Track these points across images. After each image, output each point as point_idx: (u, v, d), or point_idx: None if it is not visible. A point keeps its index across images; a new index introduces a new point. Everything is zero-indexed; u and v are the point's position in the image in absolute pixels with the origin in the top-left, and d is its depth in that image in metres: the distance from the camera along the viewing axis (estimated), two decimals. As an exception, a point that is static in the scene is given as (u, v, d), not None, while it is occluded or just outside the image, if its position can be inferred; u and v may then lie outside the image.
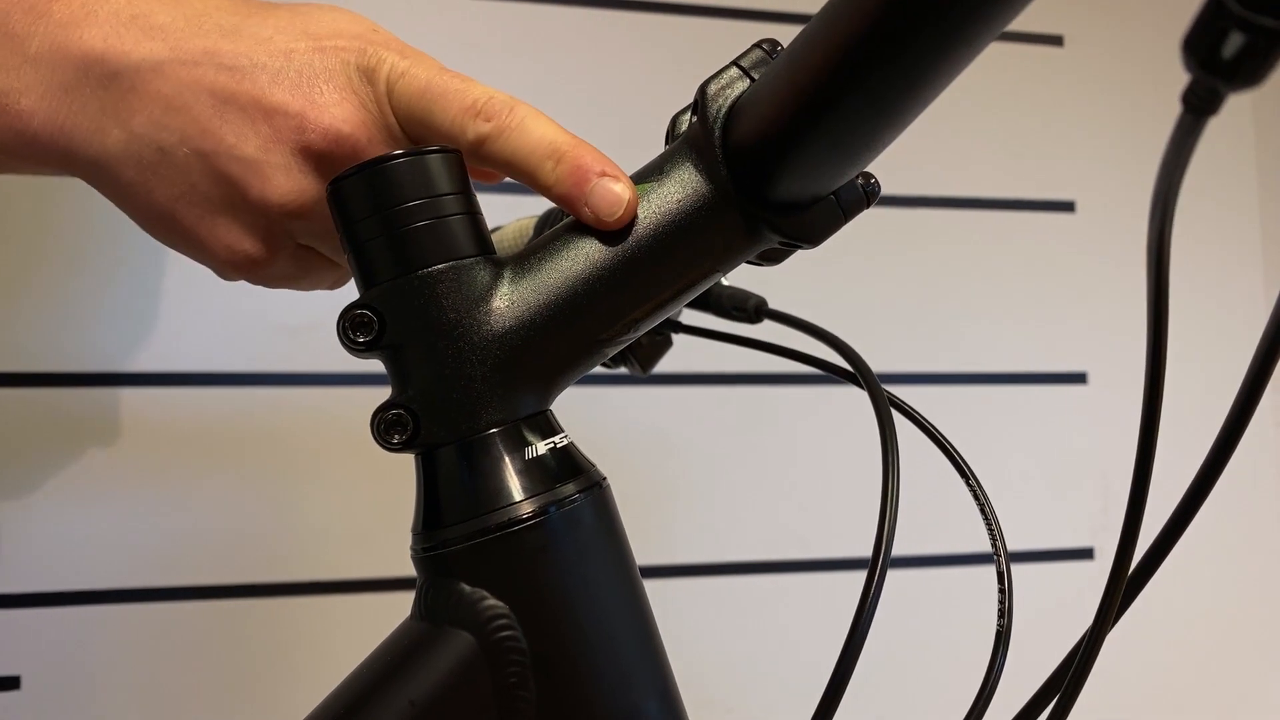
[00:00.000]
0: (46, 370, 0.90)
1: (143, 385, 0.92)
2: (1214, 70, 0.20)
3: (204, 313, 0.93)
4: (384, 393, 0.35)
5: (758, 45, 0.35)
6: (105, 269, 0.92)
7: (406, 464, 0.36)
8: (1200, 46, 0.20)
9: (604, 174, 0.35)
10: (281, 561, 0.93)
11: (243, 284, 0.43)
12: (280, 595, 0.93)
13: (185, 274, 0.93)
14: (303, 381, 0.94)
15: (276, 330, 0.94)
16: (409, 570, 0.35)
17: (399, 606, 0.35)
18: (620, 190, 0.35)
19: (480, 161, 0.38)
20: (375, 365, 0.36)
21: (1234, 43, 0.19)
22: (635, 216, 0.35)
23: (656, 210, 0.34)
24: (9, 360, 0.90)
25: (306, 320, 0.94)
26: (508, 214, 0.67)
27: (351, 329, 0.34)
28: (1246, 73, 0.20)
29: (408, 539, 0.36)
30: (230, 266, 0.40)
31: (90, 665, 0.89)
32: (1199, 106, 0.21)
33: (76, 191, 0.94)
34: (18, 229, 0.90)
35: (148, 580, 0.91)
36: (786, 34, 0.33)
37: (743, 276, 0.50)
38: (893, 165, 0.34)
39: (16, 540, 0.89)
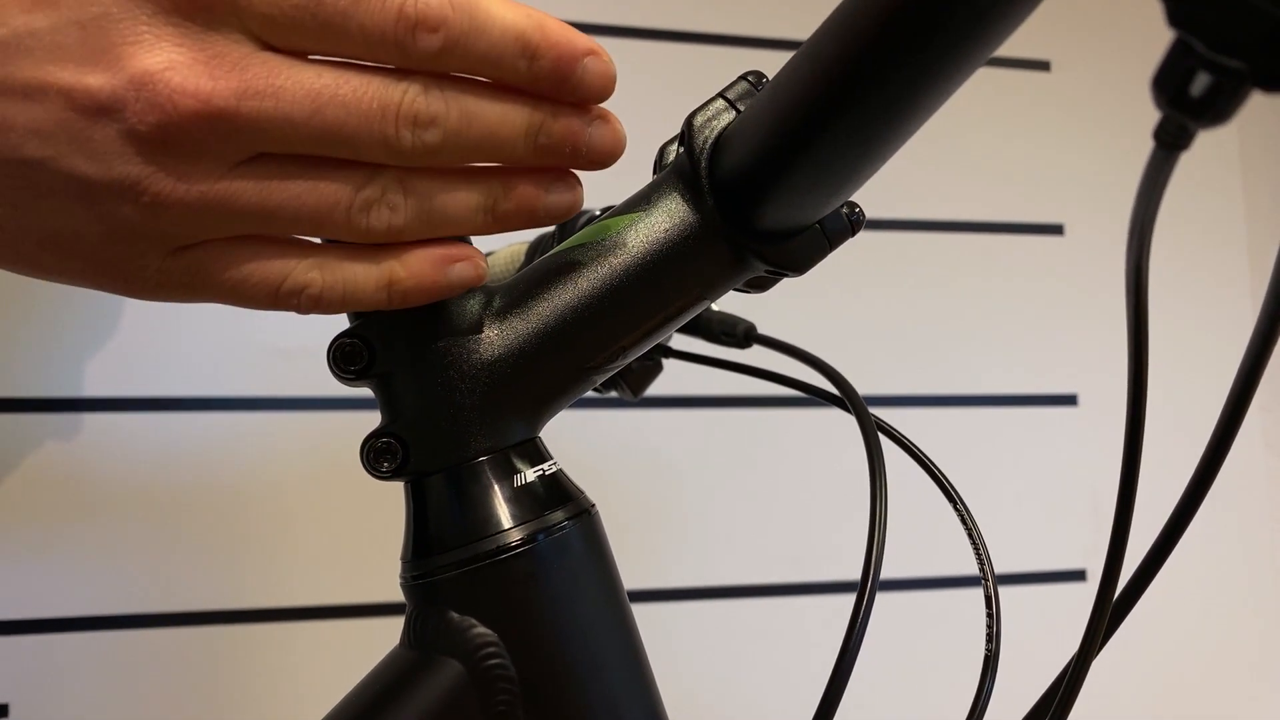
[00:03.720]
0: (35, 395, 0.90)
1: (133, 410, 0.92)
2: (1183, 108, 0.20)
3: (195, 337, 0.93)
4: (374, 418, 0.36)
5: (743, 77, 0.35)
6: (94, 297, 0.92)
7: (394, 491, 0.37)
8: (1169, 85, 0.20)
9: (586, 50, 0.30)
10: (270, 587, 0.93)
11: (233, 307, 0.39)
12: (269, 621, 0.93)
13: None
14: (293, 406, 0.94)
15: (268, 354, 0.94)
16: (396, 596, 0.36)
17: (387, 632, 0.35)
18: (605, 64, 0.31)
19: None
20: (364, 390, 0.36)
21: (1201, 82, 0.20)
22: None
23: (644, 239, 0.35)
24: None
25: (298, 344, 0.95)
26: (498, 240, 0.68)
27: (341, 358, 0.34)
28: (1214, 111, 0.20)
29: (396, 565, 0.36)
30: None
31: (79, 693, 0.89)
32: (1170, 142, 0.21)
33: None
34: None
35: (137, 607, 0.90)
36: (772, 60, 0.33)
37: (731, 302, 0.51)
38: (882, 188, 0.35)
39: (3, 567, 0.89)
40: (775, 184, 0.32)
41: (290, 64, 0.28)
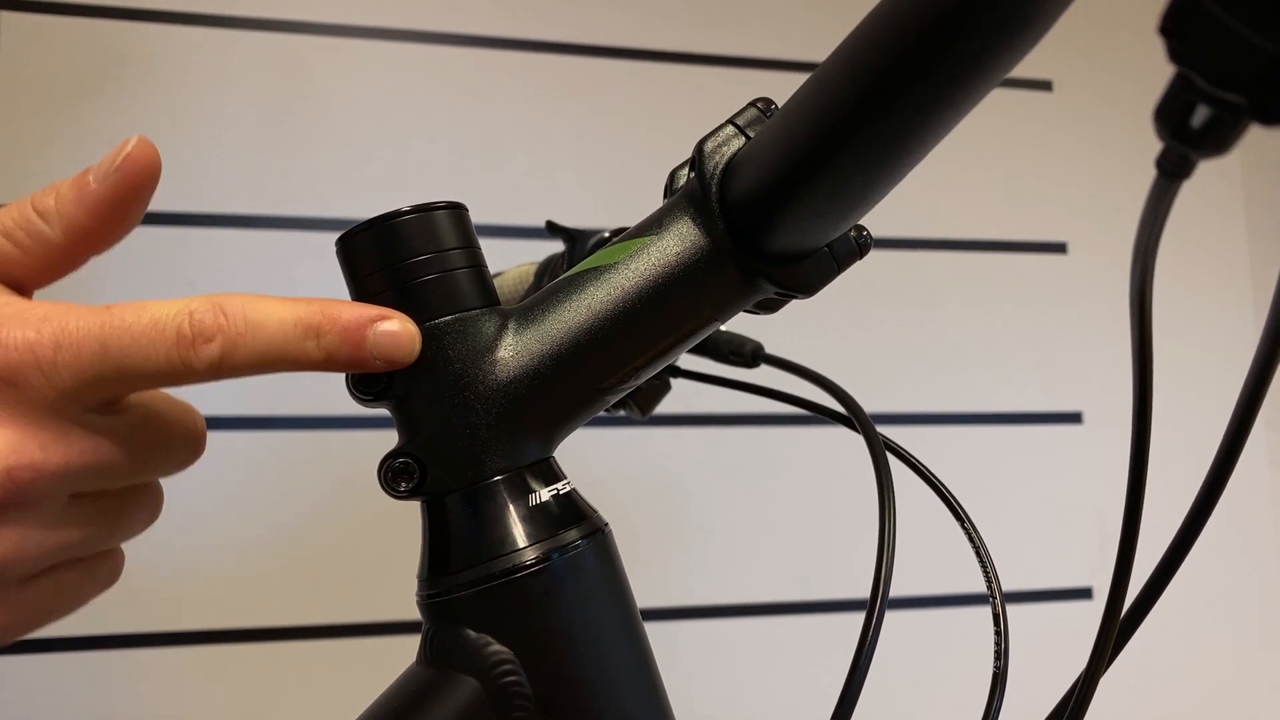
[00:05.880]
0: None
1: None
2: (1184, 139, 0.21)
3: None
4: (376, 436, 0.36)
5: (753, 104, 0.36)
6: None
7: (400, 510, 0.37)
8: (1170, 117, 0.21)
9: (373, 319, 0.33)
10: (276, 605, 0.93)
11: None
12: (275, 640, 0.93)
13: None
14: (298, 425, 0.95)
15: (274, 374, 0.95)
16: (404, 615, 0.36)
17: (394, 650, 0.35)
18: (398, 326, 0.34)
19: (227, 376, 0.32)
20: (369, 410, 0.37)
21: (1201, 114, 0.20)
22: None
23: (656, 263, 0.35)
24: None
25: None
26: (506, 260, 0.68)
27: (360, 379, 0.35)
28: (1214, 142, 0.21)
29: (401, 583, 0.37)
30: None
31: (83, 714, 0.89)
32: (1172, 171, 0.22)
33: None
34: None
35: (139, 626, 0.91)
36: (777, 79, 0.34)
37: (739, 321, 0.51)
38: (887, 208, 0.35)
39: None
40: (785, 209, 0.33)
41: (101, 420, 0.31)
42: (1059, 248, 1.18)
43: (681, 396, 0.65)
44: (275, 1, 1.01)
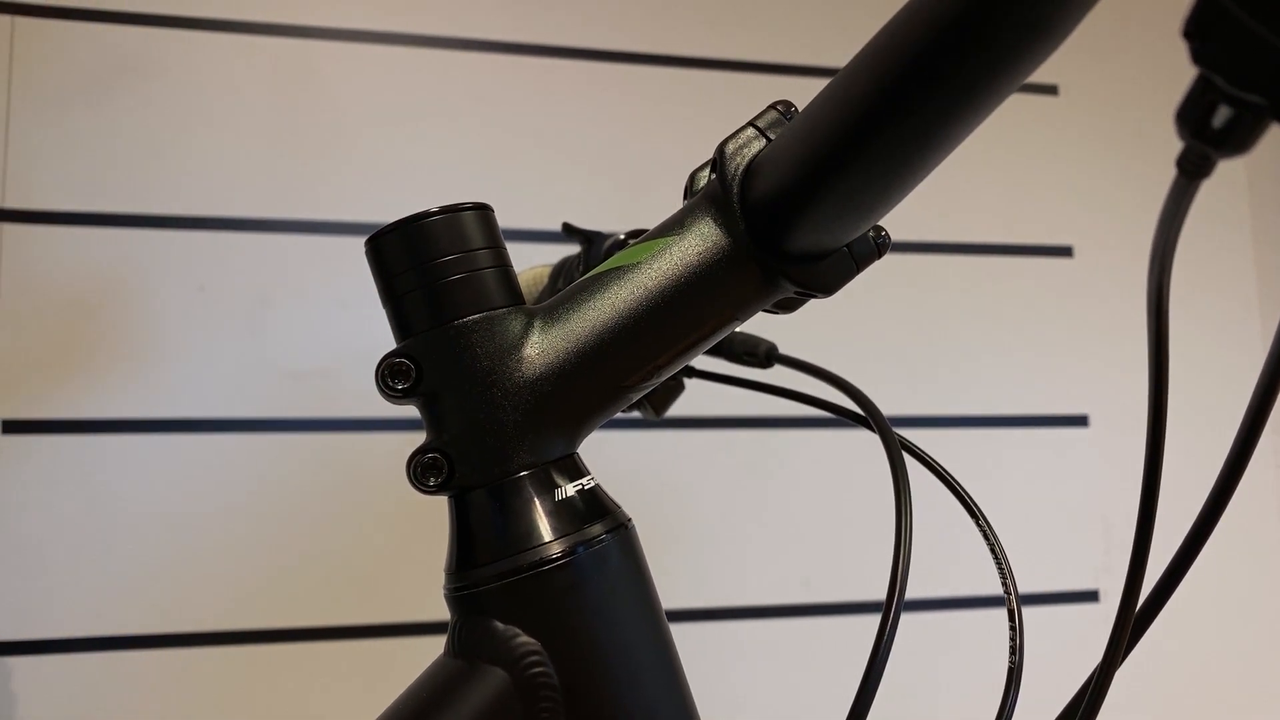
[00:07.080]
0: (52, 417, 0.91)
1: (148, 431, 0.93)
2: (1205, 139, 0.22)
3: (209, 361, 0.94)
4: (384, 439, 0.37)
5: (773, 107, 0.37)
6: (113, 318, 0.94)
7: (406, 511, 0.38)
8: (1192, 117, 0.22)
9: None
10: (283, 607, 0.94)
11: (248, 329, 0.41)
12: (282, 641, 0.93)
13: (190, 322, 0.94)
14: (305, 428, 0.95)
15: (281, 377, 0.95)
16: (411, 616, 0.37)
17: (401, 652, 0.36)
18: None
19: None
20: (383, 411, 0.37)
21: (1222, 115, 0.21)
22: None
23: (678, 263, 0.36)
24: (19, 408, 0.91)
25: (311, 367, 0.96)
26: (522, 261, 0.69)
27: (390, 377, 0.35)
28: (1235, 142, 0.21)
29: (418, 583, 0.37)
30: None
31: (94, 710, 0.90)
32: (1192, 171, 0.23)
33: (85, 249, 0.96)
34: (26, 285, 0.92)
35: (149, 627, 0.91)
36: (793, 85, 0.35)
37: (750, 322, 0.52)
38: (895, 212, 0.36)
39: (17, 586, 0.89)
40: (805, 209, 0.33)
41: None
42: (1065, 251, 1.19)
43: (690, 399, 0.65)
44: (286, 7, 1.02)
